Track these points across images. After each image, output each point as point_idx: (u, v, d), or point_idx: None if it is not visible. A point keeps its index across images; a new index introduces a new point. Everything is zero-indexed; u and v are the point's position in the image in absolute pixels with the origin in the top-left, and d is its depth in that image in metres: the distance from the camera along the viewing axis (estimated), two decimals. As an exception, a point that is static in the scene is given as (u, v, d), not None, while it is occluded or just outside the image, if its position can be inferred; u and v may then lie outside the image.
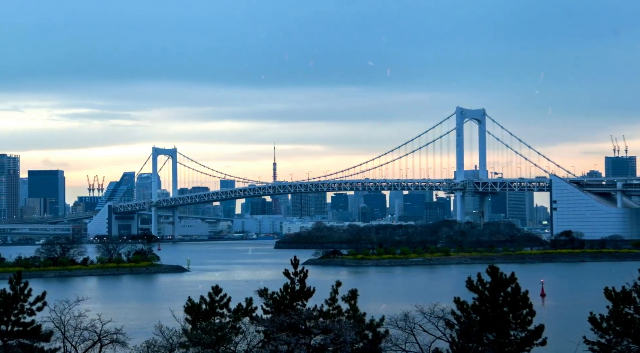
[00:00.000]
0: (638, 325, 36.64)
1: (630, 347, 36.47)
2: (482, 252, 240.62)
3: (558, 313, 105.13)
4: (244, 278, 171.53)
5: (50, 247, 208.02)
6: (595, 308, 39.33)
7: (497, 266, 39.14)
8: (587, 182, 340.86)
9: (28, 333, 39.79)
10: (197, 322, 41.01)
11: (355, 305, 41.05)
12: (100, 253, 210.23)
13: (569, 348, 41.12)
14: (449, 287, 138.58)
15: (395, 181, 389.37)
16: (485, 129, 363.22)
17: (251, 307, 41.18)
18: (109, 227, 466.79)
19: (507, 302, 37.96)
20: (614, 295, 37.74)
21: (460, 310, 38.31)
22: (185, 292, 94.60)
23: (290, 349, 38.28)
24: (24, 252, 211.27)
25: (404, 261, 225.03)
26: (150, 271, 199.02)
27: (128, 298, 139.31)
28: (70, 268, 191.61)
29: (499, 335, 37.42)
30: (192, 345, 39.79)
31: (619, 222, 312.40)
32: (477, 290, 38.47)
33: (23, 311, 40.06)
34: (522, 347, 37.44)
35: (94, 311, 46.57)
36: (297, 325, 38.94)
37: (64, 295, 49.23)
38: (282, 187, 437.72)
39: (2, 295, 40.03)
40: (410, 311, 41.08)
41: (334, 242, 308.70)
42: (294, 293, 41.06)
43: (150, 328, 43.70)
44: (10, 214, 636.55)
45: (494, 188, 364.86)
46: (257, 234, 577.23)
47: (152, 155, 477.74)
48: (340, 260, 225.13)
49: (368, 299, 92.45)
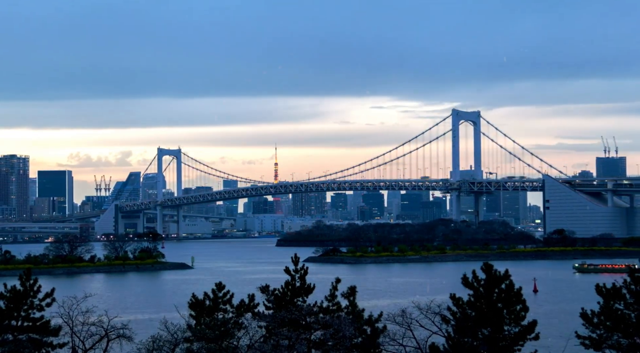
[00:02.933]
0: (628, 320, 36.65)
1: (620, 342, 36.48)
2: (477, 250, 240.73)
3: (550, 308, 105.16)
4: (246, 275, 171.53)
5: (58, 245, 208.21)
6: (587, 303, 39.35)
7: (491, 263, 39.11)
8: (579, 182, 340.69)
9: (37, 328, 39.80)
10: (201, 318, 40.99)
11: (354, 301, 41.04)
12: (107, 251, 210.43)
13: (561, 342, 41.14)
14: (445, 284, 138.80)
15: (392, 181, 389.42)
16: (480, 130, 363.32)
17: (253, 303, 41.14)
18: (115, 226, 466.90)
19: (501, 298, 37.94)
20: (604, 291, 37.75)
21: (456, 306, 38.26)
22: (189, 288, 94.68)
23: (291, 344, 38.27)
24: (34, 250, 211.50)
25: (401, 258, 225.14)
26: (156, 268, 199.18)
27: (134, 295, 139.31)
28: (78, 265, 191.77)
29: (493, 330, 37.41)
30: (196, 340, 39.81)
31: (609, 220, 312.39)
32: (472, 286, 38.44)
33: (33, 307, 40.07)
34: (515, 342, 37.42)
35: (100, 307, 46.61)
36: (297, 320, 38.93)
37: (72, 292, 49.22)
38: (283, 187, 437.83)
39: (13, 291, 40.04)
40: (407, 307, 41.08)
41: (333, 240, 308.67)
42: (295, 289, 41.03)
43: (156, 323, 43.73)
44: (20, 213, 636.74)
45: (489, 188, 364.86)
46: (259, 232, 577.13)
47: (157, 156, 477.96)
48: (339, 258, 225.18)
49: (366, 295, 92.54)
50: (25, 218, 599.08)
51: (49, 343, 39.95)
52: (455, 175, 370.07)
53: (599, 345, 36.73)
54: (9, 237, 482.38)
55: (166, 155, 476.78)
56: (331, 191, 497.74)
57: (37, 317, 40.00)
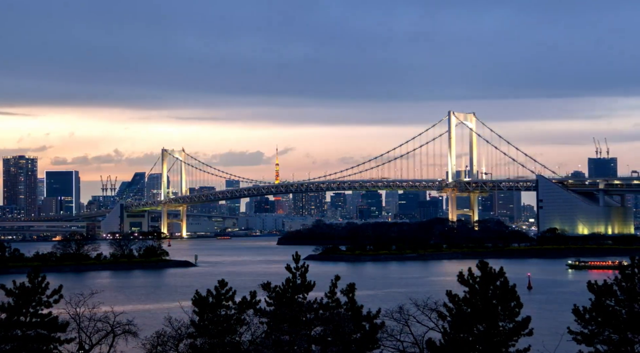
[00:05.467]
0: (619, 316, 36.67)
1: (612, 337, 36.51)
2: (473, 248, 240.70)
3: (544, 305, 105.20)
4: (248, 272, 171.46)
5: (66, 244, 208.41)
6: (579, 300, 39.36)
7: (486, 261, 39.15)
8: (572, 182, 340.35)
9: (45, 324, 39.82)
10: (204, 314, 41.01)
11: (353, 298, 41.06)
12: (113, 249, 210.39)
13: (554, 338, 41.16)
14: (441, 281, 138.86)
15: (390, 181, 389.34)
16: (475, 131, 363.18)
17: (255, 300, 41.15)
18: (121, 224, 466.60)
19: (496, 294, 37.96)
20: (596, 288, 37.76)
21: (452, 303, 38.28)
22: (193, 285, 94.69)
23: (291, 339, 38.28)
24: (42, 248, 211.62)
25: (399, 256, 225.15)
26: (160, 266, 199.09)
27: (139, 292, 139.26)
28: (85, 263, 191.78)
29: (488, 326, 37.42)
30: (199, 336, 39.83)
31: (601, 219, 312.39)
32: (467, 283, 38.46)
33: (41, 303, 40.09)
34: (510, 337, 37.44)
35: (107, 303, 46.63)
36: (298, 316, 38.96)
37: (79, 289, 49.26)
38: (284, 187, 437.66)
39: (21, 288, 40.06)
40: (404, 303, 41.14)
41: (333, 238, 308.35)
42: (296, 286, 41.05)
43: (160, 319, 43.76)
44: (28, 212, 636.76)
45: (484, 188, 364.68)
46: (261, 231, 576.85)
47: (161, 156, 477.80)
48: (339, 256, 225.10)
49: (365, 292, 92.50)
50: (34, 217, 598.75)
51: (57, 338, 39.99)
52: (451, 175, 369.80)
53: (591, 340, 36.76)
54: (18, 235, 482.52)
55: (170, 155, 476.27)
56: (331, 191, 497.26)
57: (45, 313, 40.05)
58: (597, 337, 36.70)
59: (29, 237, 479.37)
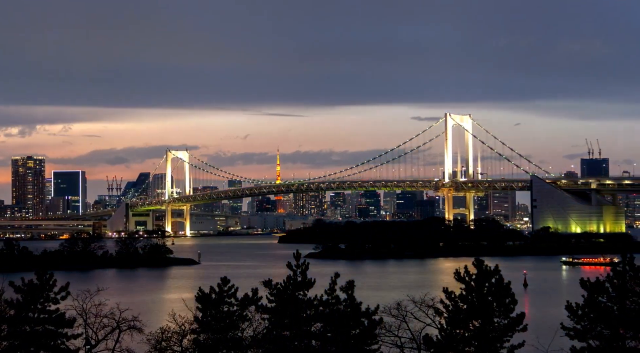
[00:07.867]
0: (611, 312, 36.69)
1: (603, 333, 36.52)
2: (469, 246, 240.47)
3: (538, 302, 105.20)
4: (249, 270, 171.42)
5: (73, 242, 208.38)
6: (572, 296, 39.36)
7: (482, 259, 39.16)
8: (565, 182, 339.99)
9: (53, 320, 39.86)
10: (207, 310, 41.01)
11: (352, 295, 41.07)
12: (118, 248, 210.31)
13: (547, 334, 41.17)
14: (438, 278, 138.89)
15: (388, 181, 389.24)
16: (471, 132, 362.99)
17: (257, 297, 41.15)
18: (126, 223, 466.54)
19: (491, 291, 37.98)
20: (588, 285, 37.78)
21: (449, 299, 38.31)
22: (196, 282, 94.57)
23: (292, 335, 38.30)
24: (49, 246, 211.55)
25: (397, 254, 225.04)
26: (164, 264, 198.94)
27: (144, 289, 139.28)
28: (91, 261, 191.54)
29: (484, 322, 37.45)
30: (202, 332, 39.84)
31: (593, 218, 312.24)
32: (464, 280, 38.48)
33: (48, 300, 40.13)
34: (505, 333, 37.46)
35: (112, 300, 46.65)
36: (298, 313, 38.96)
37: (85, 286, 49.27)
38: (285, 186, 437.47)
39: (29, 285, 40.10)
40: (402, 300, 41.17)
41: (333, 237, 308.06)
42: (296, 284, 41.04)
43: (164, 315, 43.78)
44: (36, 212, 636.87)
45: (480, 188, 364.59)
46: (262, 230, 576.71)
47: (165, 156, 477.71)
48: (338, 254, 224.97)
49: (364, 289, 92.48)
50: (42, 216, 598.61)
51: (64, 334, 40.03)
52: (448, 176, 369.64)
53: (584, 335, 36.78)
54: (27, 234, 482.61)
55: (174, 156, 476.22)
56: (330, 190, 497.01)
57: (53, 309, 40.11)
58: (589, 332, 36.72)
59: (37, 235, 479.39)
